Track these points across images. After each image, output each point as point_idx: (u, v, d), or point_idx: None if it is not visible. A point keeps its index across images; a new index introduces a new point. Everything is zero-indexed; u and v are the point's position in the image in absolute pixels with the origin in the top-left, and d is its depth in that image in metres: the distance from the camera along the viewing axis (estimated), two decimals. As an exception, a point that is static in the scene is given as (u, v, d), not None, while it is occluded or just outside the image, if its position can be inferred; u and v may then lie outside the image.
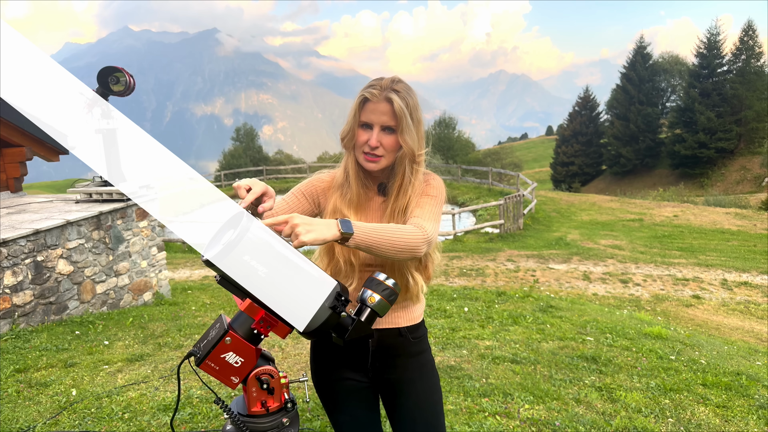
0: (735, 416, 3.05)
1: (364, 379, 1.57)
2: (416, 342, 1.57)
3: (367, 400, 1.59)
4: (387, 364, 1.55)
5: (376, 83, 1.43)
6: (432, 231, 1.38)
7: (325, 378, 1.58)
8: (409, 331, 1.56)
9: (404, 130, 1.40)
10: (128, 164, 5.79)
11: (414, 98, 1.43)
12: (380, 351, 1.54)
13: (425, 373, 1.58)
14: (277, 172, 32.98)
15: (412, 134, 1.41)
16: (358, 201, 1.51)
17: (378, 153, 1.43)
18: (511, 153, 50.74)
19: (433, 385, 1.59)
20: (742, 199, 24.98)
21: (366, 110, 1.42)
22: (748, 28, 38.56)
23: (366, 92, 1.41)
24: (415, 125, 1.42)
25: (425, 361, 1.59)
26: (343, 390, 1.56)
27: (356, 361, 1.55)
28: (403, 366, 1.56)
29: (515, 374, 3.61)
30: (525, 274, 9.99)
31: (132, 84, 5.35)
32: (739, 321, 7.31)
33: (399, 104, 1.38)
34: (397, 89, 1.41)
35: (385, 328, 1.53)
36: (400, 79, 1.45)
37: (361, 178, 1.51)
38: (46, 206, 5.94)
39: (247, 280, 1.11)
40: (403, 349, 1.55)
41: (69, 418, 2.93)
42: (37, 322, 4.65)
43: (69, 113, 6.67)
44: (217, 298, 6.65)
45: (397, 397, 1.57)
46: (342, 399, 1.57)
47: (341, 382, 1.56)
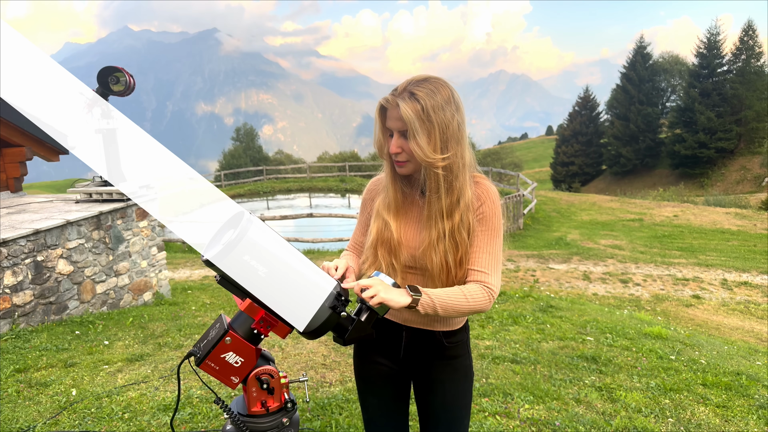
0: (735, 416, 3.05)
1: (396, 367, 1.60)
2: (451, 347, 1.57)
3: (396, 387, 1.62)
4: (419, 362, 1.58)
5: (396, 89, 1.41)
6: (497, 282, 1.44)
7: (362, 359, 1.63)
8: (445, 336, 1.56)
9: (411, 135, 1.36)
10: (128, 164, 5.78)
11: (435, 99, 1.35)
12: (413, 347, 1.57)
13: (457, 378, 1.59)
14: (277, 172, 32.98)
15: (422, 138, 1.35)
16: (397, 205, 1.52)
17: (401, 159, 1.43)
18: (511, 153, 50.78)
19: (464, 390, 1.60)
20: (742, 199, 24.98)
21: (386, 117, 1.42)
22: (748, 27, 38.56)
23: (382, 100, 1.42)
24: (429, 128, 1.35)
25: (459, 366, 1.59)
26: (375, 373, 1.61)
27: (390, 349, 1.59)
28: (435, 366, 1.58)
29: (515, 374, 3.61)
30: (525, 274, 9.98)
31: (132, 84, 5.35)
32: (739, 321, 7.31)
33: (405, 109, 1.34)
34: (413, 91, 1.36)
35: (419, 328, 1.54)
36: (425, 78, 1.39)
37: (398, 182, 1.52)
38: (46, 206, 5.94)
39: (247, 280, 1.11)
40: (436, 351, 1.56)
41: (69, 418, 2.93)
42: (37, 322, 4.65)
43: (69, 113, 6.67)
44: (217, 298, 6.65)
45: (426, 393, 1.60)
46: (373, 381, 1.62)
47: (375, 365, 1.61)
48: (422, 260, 1.46)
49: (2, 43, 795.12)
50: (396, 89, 1.40)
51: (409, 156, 1.42)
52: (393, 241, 1.49)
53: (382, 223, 1.51)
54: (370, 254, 1.54)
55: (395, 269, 1.50)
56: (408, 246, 1.49)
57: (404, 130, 1.39)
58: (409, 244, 1.49)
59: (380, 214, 1.53)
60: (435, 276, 1.45)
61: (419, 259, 1.47)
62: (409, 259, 1.49)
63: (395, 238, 1.49)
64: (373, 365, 1.61)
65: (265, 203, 28.24)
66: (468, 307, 1.37)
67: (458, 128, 1.39)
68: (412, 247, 1.48)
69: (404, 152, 1.41)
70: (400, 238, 1.49)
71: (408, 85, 1.38)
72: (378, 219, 1.53)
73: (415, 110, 1.34)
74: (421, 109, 1.34)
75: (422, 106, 1.34)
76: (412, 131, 1.36)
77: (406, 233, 1.50)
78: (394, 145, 1.41)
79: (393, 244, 1.49)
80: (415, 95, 1.35)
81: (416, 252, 1.47)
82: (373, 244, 1.51)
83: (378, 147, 1.49)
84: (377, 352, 1.60)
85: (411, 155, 1.41)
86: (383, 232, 1.50)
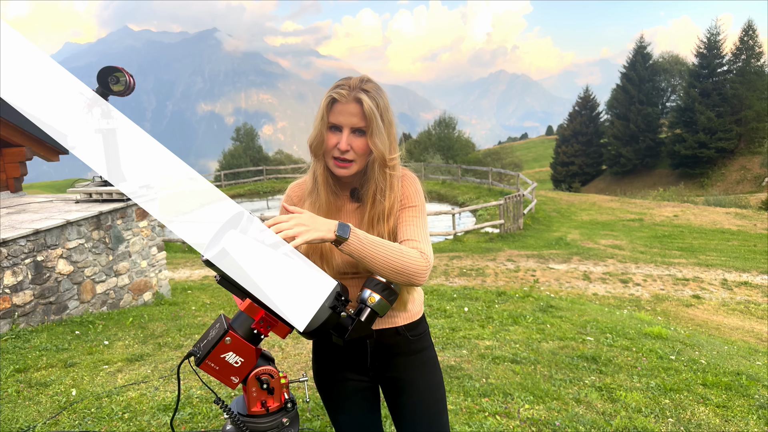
0: (735, 416, 3.05)
1: (364, 378, 1.55)
2: (416, 340, 1.54)
3: (367, 400, 1.58)
4: (387, 364, 1.53)
5: (344, 83, 1.36)
6: (430, 251, 1.35)
7: (326, 378, 1.57)
8: (407, 329, 1.53)
9: (374, 132, 1.32)
10: (128, 164, 5.78)
11: (384, 99, 1.35)
12: (379, 350, 1.52)
13: (427, 371, 1.55)
14: (277, 172, 32.97)
15: (382, 137, 1.33)
16: (328, 209, 1.44)
17: (348, 157, 1.35)
18: (511, 153, 50.79)
19: (436, 383, 1.56)
20: (742, 199, 24.99)
21: (334, 112, 1.34)
22: (748, 27, 38.58)
23: (334, 93, 1.33)
24: (386, 127, 1.34)
25: (426, 359, 1.56)
26: (343, 390, 1.55)
27: (356, 361, 1.53)
28: (403, 364, 1.53)
29: (515, 374, 3.61)
30: (525, 274, 9.98)
31: (132, 84, 5.35)
32: (739, 321, 7.31)
33: (369, 104, 1.30)
34: (366, 89, 1.33)
35: (382, 328, 1.50)
36: (369, 79, 1.37)
37: (330, 185, 1.44)
38: (46, 206, 5.94)
39: (247, 280, 1.11)
40: (402, 347, 1.53)
41: (69, 418, 2.93)
42: (37, 322, 4.65)
43: (69, 113, 6.67)
44: (217, 298, 6.65)
45: (398, 395, 1.55)
46: (342, 399, 1.55)
47: (342, 382, 1.54)
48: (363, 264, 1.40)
49: (2, 43, 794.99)
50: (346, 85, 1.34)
51: (357, 155, 1.36)
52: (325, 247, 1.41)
53: None
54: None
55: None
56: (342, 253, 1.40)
57: (359, 127, 1.33)
58: None
59: None
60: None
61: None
62: (344, 265, 1.43)
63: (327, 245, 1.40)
64: (340, 383, 1.54)
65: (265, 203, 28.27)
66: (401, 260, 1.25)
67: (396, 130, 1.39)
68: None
69: (353, 150, 1.35)
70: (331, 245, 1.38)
71: (360, 83, 1.34)
72: None
73: (377, 107, 1.32)
74: (377, 107, 1.33)
75: (377, 104, 1.33)
76: (374, 128, 1.32)
77: None
78: (345, 142, 1.33)
79: (325, 251, 1.41)
80: (369, 92, 1.33)
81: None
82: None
83: (317, 143, 1.38)
84: (342, 368, 1.53)
85: (360, 154, 1.36)
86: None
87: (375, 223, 1.40)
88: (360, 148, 1.35)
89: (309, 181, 1.48)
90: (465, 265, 10.79)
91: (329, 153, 1.38)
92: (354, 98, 1.32)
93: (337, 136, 1.36)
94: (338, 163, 1.37)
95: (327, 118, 1.36)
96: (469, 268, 10.48)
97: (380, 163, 1.36)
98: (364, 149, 1.36)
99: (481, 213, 19.93)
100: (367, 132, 1.34)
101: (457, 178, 27.15)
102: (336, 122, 1.35)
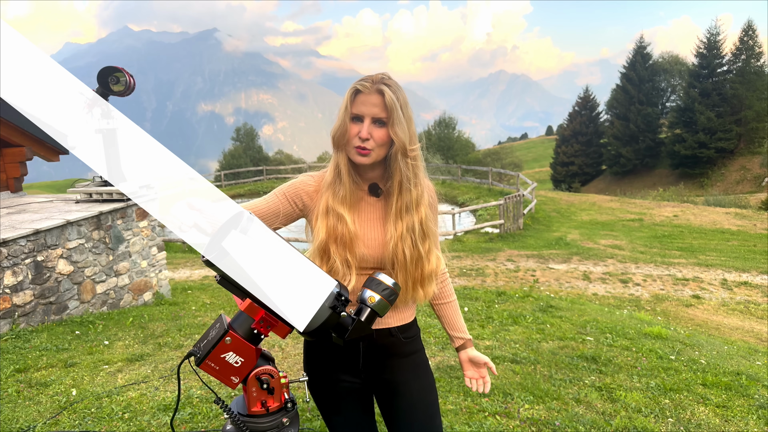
0: (735, 416, 3.05)
1: (357, 380, 1.55)
2: (408, 342, 1.55)
3: (361, 401, 1.58)
4: (379, 365, 1.53)
5: (368, 77, 1.43)
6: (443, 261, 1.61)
7: (319, 380, 1.56)
8: (400, 331, 1.53)
9: (395, 122, 1.39)
10: (128, 164, 5.78)
11: (404, 95, 1.43)
12: (372, 352, 1.52)
13: (420, 374, 1.56)
14: (277, 172, 32.97)
15: (403, 127, 1.40)
16: (351, 199, 1.47)
17: (368, 146, 1.40)
18: (511, 153, 50.76)
19: (428, 385, 1.57)
20: (742, 199, 24.99)
21: (357, 102, 1.41)
22: (748, 27, 38.58)
23: (358, 84, 1.41)
24: (406, 120, 1.41)
25: (419, 362, 1.57)
26: (336, 392, 1.55)
27: (349, 362, 1.53)
28: (396, 366, 1.54)
29: (515, 374, 3.61)
30: (525, 274, 9.99)
31: (132, 84, 5.35)
32: (739, 321, 7.31)
33: (390, 96, 1.38)
34: (388, 83, 1.41)
35: (375, 329, 1.50)
36: (390, 76, 1.45)
37: (352, 176, 1.47)
38: (46, 206, 5.94)
39: (247, 280, 1.11)
40: (395, 349, 1.53)
41: (69, 418, 2.93)
42: (37, 322, 4.65)
43: (69, 113, 6.67)
44: (217, 298, 6.65)
45: (391, 398, 1.55)
46: (336, 401, 1.55)
47: (335, 384, 1.54)
48: (390, 257, 1.44)
49: (2, 43, 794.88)
50: (369, 79, 1.42)
51: (376, 145, 1.41)
52: (349, 235, 1.44)
53: (335, 219, 1.44)
54: (317, 256, 1.47)
55: (350, 267, 1.45)
56: (367, 245, 1.46)
57: (380, 117, 1.40)
58: (368, 243, 1.46)
59: (333, 210, 1.46)
60: (406, 270, 1.44)
61: (385, 257, 1.45)
62: (366, 257, 1.45)
63: (351, 231, 1.44)
64: (333, 384, 1.54)
65: (265, 203, 28.20)
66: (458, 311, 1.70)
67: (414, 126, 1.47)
68: (372, 246, 1.45)
69: (372, 139, 1.41)
70: (357, 232, 1.45)
71: (382, 78, 1.42)
72: (329, 216, 1.45)
73: (397, 99, 1.39)
74: (398, 99, 1.40)
75: (398, 97, 1.40)
76: (395, 118, 1.38)
77: (362, 230, 1.47)
78: (366, 130, 1.40)
79: (349, 239, 1.44)
80: (390, 86, 1.40)
81: (379, 250, 1.45)
82: (322, 245, 1.45)
83: (340, 133, 1.43)
84: (335, 369, 1.54)
85: (379, 144, 1.41)
86: (336, 227, 1.44)
87: (404, 214, 1.45)
88: (380, 138, 1.41)
89: (330, 174, 1.50)
90: (465, 265, 10.79)
91: (351, 142, 1.43)
92: (376, 90, 1.39)
93: (359, 125, 1.42)
94: (359, 150, 1.42)
95: (350, 108, 1.42)
96: (469, 268, 10.48)
97: (402, 152, 1.42)
98: (384, 139, 1.41)
99: (481, 213, 19.94)
100: (388, 122, 1.40)
101: (457, 178, 27.15)
102: (358, 112, 1.41)
